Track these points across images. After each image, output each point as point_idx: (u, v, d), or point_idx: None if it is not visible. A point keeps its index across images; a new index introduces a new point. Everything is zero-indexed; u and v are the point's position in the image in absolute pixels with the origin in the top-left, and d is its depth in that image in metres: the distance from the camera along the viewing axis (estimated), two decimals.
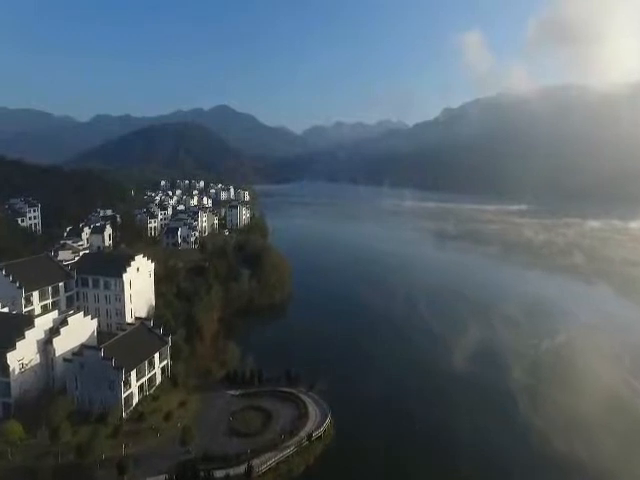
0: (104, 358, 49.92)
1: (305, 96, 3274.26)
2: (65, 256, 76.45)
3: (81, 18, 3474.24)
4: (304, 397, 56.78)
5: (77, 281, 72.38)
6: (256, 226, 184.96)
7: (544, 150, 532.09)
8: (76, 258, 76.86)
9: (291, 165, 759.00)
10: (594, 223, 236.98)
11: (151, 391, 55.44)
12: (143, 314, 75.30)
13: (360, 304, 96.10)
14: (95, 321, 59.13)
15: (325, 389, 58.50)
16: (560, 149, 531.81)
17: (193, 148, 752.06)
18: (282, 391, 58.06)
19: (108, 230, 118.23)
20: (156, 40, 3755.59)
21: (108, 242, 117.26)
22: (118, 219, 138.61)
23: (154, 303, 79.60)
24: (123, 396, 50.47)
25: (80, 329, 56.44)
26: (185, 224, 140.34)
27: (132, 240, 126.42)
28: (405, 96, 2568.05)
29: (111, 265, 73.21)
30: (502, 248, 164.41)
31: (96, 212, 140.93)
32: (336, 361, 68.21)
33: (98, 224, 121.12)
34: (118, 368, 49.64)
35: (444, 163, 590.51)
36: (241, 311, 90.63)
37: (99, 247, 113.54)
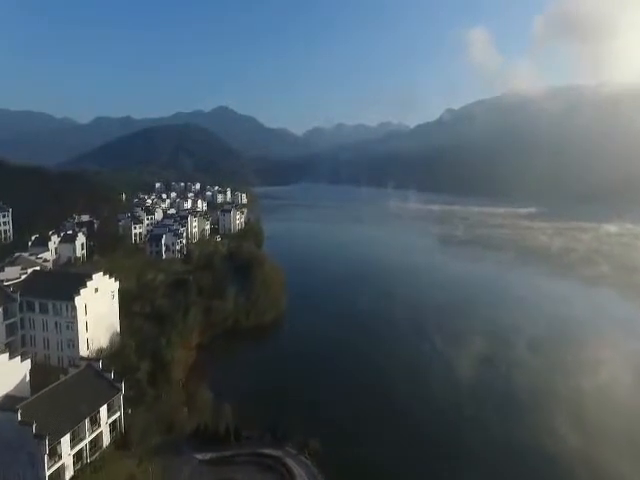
0: (22, 423, 37.17)
1: (306, 98, 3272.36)
2: (10, 274, 63.97)
3: (81, 20, 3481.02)
4: (292, 464, 43.89)
5: (21, 305, 59.78)
6: (250, 231, 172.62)
7: (550, 152, 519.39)
8: (23, 276, 64.21)
9: (292, 167, 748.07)
10: (610, 227, 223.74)
11: (94, 457, 42.67)
12: (104, 343, 62.73)
13: (364, 326, 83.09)
14: (27, 363, 46.29)
15: (320, 450, 45.73)
16: (567, 150, 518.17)
17: (193, 150, 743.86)
18: (264, 454, 45.19)
19: (81, 238, 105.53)
20: (157, 42, 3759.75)
21: (80, 252, 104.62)
22: (96, 225, 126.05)
23: (119, 329, 66.82)
24: (48, 473, 37.69)
25: (4, 376, 43.65)
26: (170, 230, 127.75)
27: (110, 249, 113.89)
28: (406, 97, 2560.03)
29: (63, 286, 60.55)
30: (518, 256, 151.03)
31: (72, 217, 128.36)
32: (336, 406, 55.15)
33: (70, 231, 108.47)
34: (40, 437, 36.87)
35: (448, 164, 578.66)
36: (225, 335, 77.93)
37: (69, 258, 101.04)
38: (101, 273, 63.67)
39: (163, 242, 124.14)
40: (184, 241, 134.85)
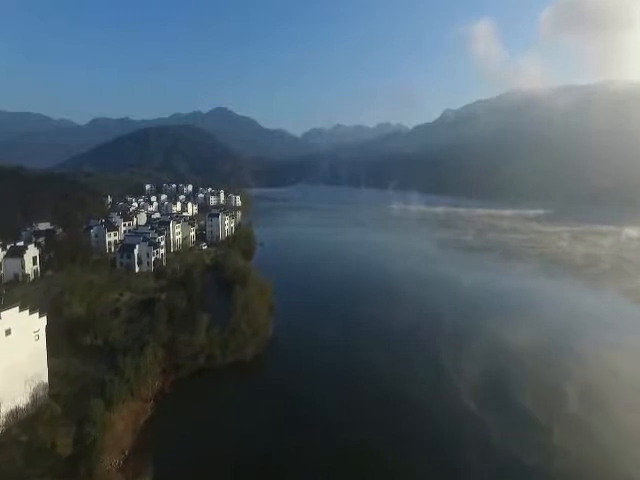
0: None
1: (304, 98, 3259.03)
2: None
3: (80, 22, 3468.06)
4: None
5: None
6: (241, 238, 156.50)
7: (554, 152, 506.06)
8: None
9: (290, 168, 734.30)
10: (630, 231, 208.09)
11: None
12: (22, 402, 46.71)
13: (370, 362, 66.78)
14: None
15: None
16: (572, 151, 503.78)
17: (189, 151, 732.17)
18: None
19: (32, 251, 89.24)
20: (156, 43, 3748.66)
21: (32, 267, 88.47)
22: (58, 233, 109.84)
23: (47, 380, 50.71)
24: None
25: None
26: (145, 239, 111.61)
27: (71, 262, 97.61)
28: (405, 98, 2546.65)
29: None
30: (540, 265, 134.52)
31: (30, 225, 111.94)
32: None
33: (21, 243, 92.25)
34: None
35: (449, 165, 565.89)
36: (194, 377, 61.72)
37: (16, 275, 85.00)
38: (16, 309, 47.33)
39: (136, 253, 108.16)
40: (162, 251, 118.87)
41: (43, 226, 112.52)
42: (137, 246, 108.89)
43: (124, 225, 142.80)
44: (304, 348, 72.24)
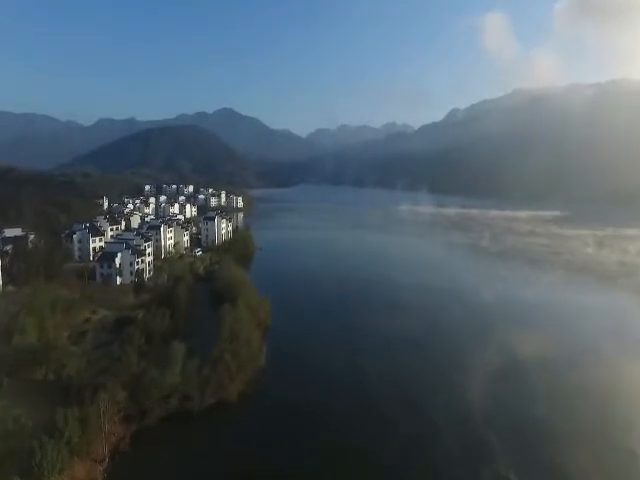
0: None
1: (309, 99, 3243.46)
2: None
3: (86, 23, 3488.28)
4: None
5: None
6: (238, 243, 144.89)
7: (563, 152, 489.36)
8: None
9: (295, 168, 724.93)
10: None
11: None
12: None
13: (381, 413, 53.94)
14: None
15: None
16: (581, 151, 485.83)
17: (193, 151, 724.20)
18: None
19: None
20: (162, 45, 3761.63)
21: None
22: (30, 240, 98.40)
23: None
24: None
25: None
26: (128, 247, 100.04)
27: (42, 273, 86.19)
28: (411, 98, 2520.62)
29: None
30: (571, 275, 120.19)
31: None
32: None
33: None
34: None
35: (456, 165, 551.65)
36: (164, 425, 49.57)
37: None
38: None
39: (117, 262, 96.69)
40: (149, 259, 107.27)
41: (12, 232, 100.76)
42: (119, 254, 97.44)
43: (112, 229, 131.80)
44: (302, 381, 59.77)
